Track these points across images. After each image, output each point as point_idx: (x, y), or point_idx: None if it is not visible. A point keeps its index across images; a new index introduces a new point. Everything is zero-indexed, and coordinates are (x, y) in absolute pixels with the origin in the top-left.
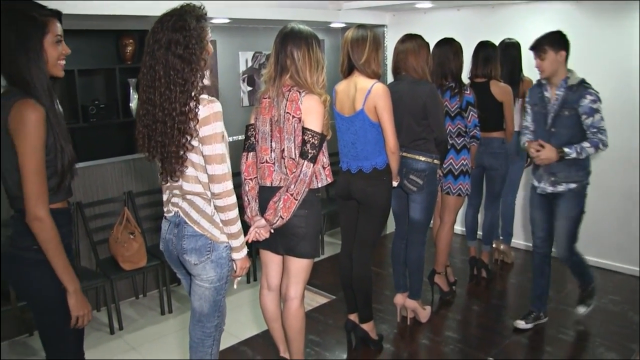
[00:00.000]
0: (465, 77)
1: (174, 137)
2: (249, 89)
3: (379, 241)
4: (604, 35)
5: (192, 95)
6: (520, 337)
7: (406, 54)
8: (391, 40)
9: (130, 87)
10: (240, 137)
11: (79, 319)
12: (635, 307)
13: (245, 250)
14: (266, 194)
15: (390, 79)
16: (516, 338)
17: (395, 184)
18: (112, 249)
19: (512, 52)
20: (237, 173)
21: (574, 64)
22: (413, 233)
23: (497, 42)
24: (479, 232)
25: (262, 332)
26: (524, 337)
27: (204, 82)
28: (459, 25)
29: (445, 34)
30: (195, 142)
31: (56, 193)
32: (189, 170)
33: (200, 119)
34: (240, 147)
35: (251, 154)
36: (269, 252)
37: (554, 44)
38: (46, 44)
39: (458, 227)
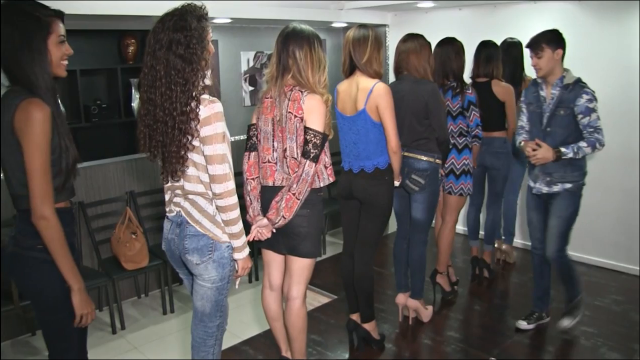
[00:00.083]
0: (467, 76)
1: (175, 137)
2: (251, 88)
3: (381, 241)
4: (605, 35)
5: (193, 95)
6: (522, 337)
7: (408, 54)
8: (393, 40)
9: (132, 87)
10: (242, 136)
11: (83, 318)
12: (638, 307)
13: (247, 250)
14: (268, 194)
15: (392, 79)
16: (518, 338)
17: (397, 183)
18: (114, 248)
19: (513, 52)
20: (238, 173)
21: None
22: (415, 233)
23: (499, 41)
24: (481, 231)
25: (264, 332)
26: (526, 337)
27: (205, 82)
28: (460, 25)
29: (447, 34)
30: (196, 142)
31: (60, 193)
32: (191, 170)
33: (201, 119)
34: (242, 146)
35: (253, 153)
36: (271, 252)
37: (551, 42)
38: (50, 44)
39: (460, 227)
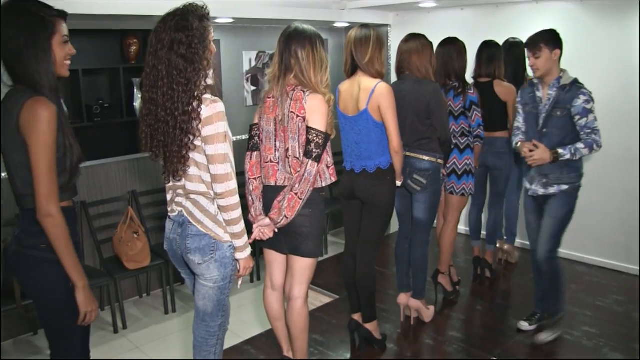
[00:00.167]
0: (469, 76)
1: (177, 136)
2: (253, 88)
3: (383, 241)
4: (607, 35)
5: (195, 95)
6: (524, 337)
7: (410, 54)
8: (395, 40)
9: (134, 87)
10: (244, 136)
11: (87, 315)
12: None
13: (249, 250)
14: (270, 194)
15: (394, 79)
16: (520, 338)
17: (399, 183)
18: (116, 248)
19: (516, 52)
20: (240, 172)
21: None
22: (417, 233)
23: (501, 41)
24: (483, 231)
25: (266, 332)
26: (528, 337)
27: (207, 81)
28: (462, 25)
29: (449, 34)
30: (198, 142)
31: (63, 192)
32: (192, 169)
33: (203, 118)
34: (244, 146)
35: (255, 153)
36: (273, 252)
37: (549, 42)
38: (54, 44)
39: (462, 227)
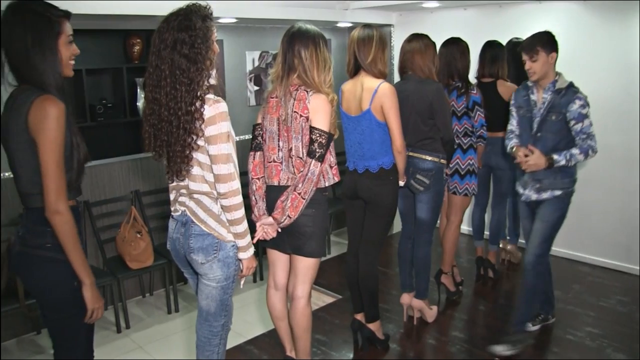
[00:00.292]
0: (472, 76)
1: (180, 136)
2: (256, 88)
3: (386, 241)
4: (610, 35)
5: (198, 94)
6: (527, 337)
7: (413, 54)
8: (398, 40)
9: (138, 87)
10: (247, 136)
11: (94, 312)
12: None
13: (252, 249)
14: (273, 194)
15: (396, 79)
16: None
17: (401, 183)
18: (119, 247)
19: (519, 52)
20: (244, 172)
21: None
22: (419, 233)
23: (504, 41)
24: (486, 232)
25: (269, 332)
26: (531, 338)
27: (210, 81)
28: (465, 25)
29: (452, 34)
30: (201, 142)
31: (69, 190)
32: (195, 169)
33: (206, 118)
34: (247, 146)
35: (258, 153)
36: (276, 251)
37: (545, 45)
38: (60, 44)
39: (465, 227)
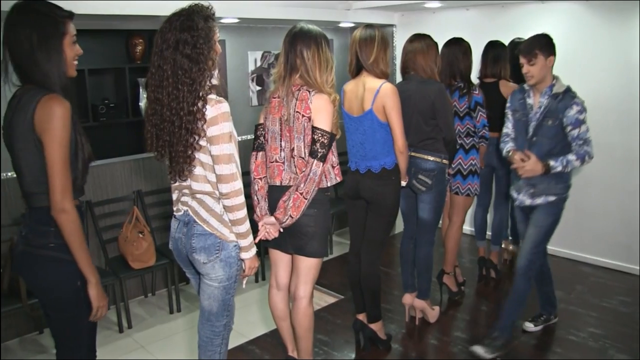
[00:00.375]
0: (474, 77)
1: (182, 136)
2: (258, 88)
3: (388, 241)
4: (612, 35)
5: (200, 95)
6: (529, 337)
7: (415, 54)
8: (400, 40)
9: (140, 87)
10: (250, 136)
11: (99, 310)
12: None
13: (254, 249)
14: (276, 194)
15: (399, 79)
16: (525, 339)
17: (403, 183)
18: (122, 247)
19: (517, 54)
20: (246, 172)
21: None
22: (422, 233)
23: (507, 41)
24: (488, 232)
25: (271, 332)
26: (533, 338)
27: (212, 81)
28: (467, 25)
29: (454, 34)
30: (203, 142)
31: (73, 190)
32: (198, 169)
33: (208, 119)
34: (250, 146)
35: (260, 153)
36: (278, 251)
37: (544, 48)
38: (65, 45)
39: (467, 227)
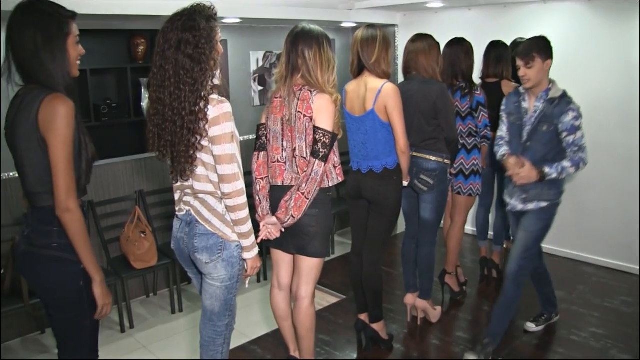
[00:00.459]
0: (476, 77)
1: (184, 136)
2: (260, 88)
3: (390, 241)
4: (614, 35)
5: (202, 95)
6: (531, 338)
7: (417, 54)
8: (402, 40)
9: (142, 87)
10: (251, 136)
11: (104, 308)
12: None
13: (256, 249)
14: (277, 193)
15: (400, 79)
16: (527, 339)
17: (405, 183)
18: (123, 247)
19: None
20: (248, 172)
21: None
22: (423, 233)
23: (509, 41)
24: (490, 232)
25: (272, 332)
26: (535, 338)
27: (214, 81)
28: (470, 25)
29: (456, 34)
30: (205, 142)
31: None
32: (200, 169)
33: (210, 119)
34: (251, 146)
35: (262, 153)
36: (280, 251)
37: (541, 51)
38: (68, 45)
39: (469, 227)
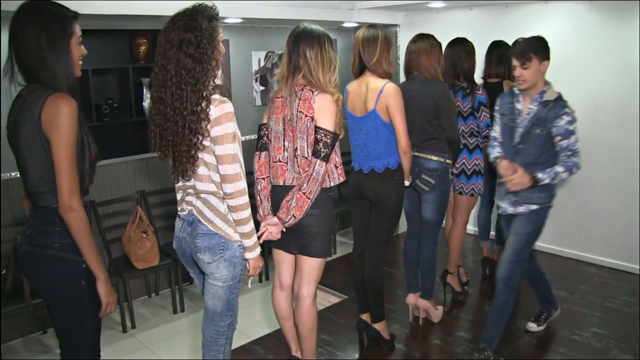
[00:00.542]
0: (478, 77)
1: (185, 136)
2: (262, 88)
3: (391, 241)
4: (615, 35)
5: (204, 95)
6: (533, 337)
7: (418, 54)
8: (403, 40)
9: (144, 87)
10: (253, 136)
11: (108, 307)
12: None
13: (258, 249)
14: (279, 193)
15: (402, 79)
16: (528, 339)
17: (407, 183)
18: (125, 247)
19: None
20: (249, 172)
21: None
22: (425, 233)
23: (510, 41)
24: (492, 232)
25: (274, 331)
26: (536, 338)
27: (216, 81)
28: (471, 25)
29: (458, 34)
30: (207, 142)
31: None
32: (202, 169)
33: (212, 119)
34: (253, 146)
35: (264, 153)
36: (282, 251)
37: (538, 52)
38: (71, 45)
39: (470, 227)
